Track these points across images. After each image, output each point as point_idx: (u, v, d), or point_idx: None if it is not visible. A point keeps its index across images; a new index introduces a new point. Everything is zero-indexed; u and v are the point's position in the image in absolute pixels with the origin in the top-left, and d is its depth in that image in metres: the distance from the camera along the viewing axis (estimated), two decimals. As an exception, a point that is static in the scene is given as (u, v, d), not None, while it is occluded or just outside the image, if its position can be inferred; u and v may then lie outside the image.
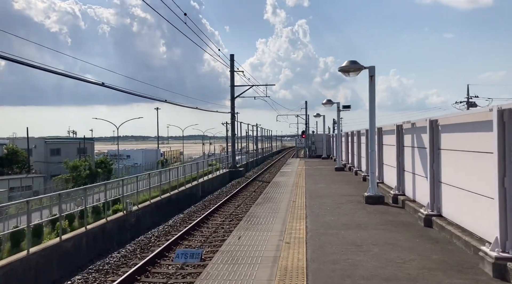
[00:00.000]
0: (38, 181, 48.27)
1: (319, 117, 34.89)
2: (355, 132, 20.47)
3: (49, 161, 60.54)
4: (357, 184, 15.84)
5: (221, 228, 14.52)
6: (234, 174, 33.94)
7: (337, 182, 16.60)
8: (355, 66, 10.91)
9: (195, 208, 19.41)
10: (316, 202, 11.33)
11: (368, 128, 16.00)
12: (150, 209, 17.32)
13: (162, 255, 11.48)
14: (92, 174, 54.69)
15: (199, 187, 24.83)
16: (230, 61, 35.28)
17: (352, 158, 22.20)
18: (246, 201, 20.03)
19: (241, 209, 18.13)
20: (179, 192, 21.22)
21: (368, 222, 8.49)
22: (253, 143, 56.74)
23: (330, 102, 21.81)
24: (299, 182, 16.92)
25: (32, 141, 61.43)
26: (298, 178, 18.45)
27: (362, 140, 18.72)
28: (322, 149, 36.79)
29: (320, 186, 15.28)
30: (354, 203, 11.13)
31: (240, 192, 23.63)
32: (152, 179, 23.58)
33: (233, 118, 35.30)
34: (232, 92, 35.35)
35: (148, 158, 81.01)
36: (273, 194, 13.38)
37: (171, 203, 19.67)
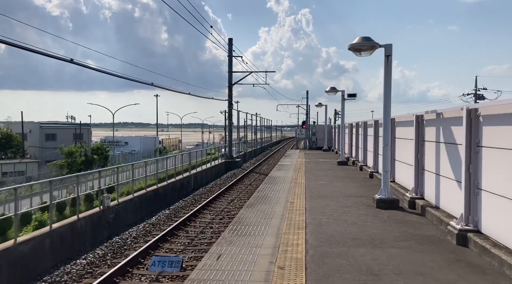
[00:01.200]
0: (32, 167, 46.89)
1: (320, 107, 33.06)
2: (361, 124, 18.68)
3: (44, 146, 58.94)
4: (364, 181, 14.11)
5: (209, 228, 12.85)
6: (230, 165, 32.24)
7: (341, 178, 14.86)
8: (369, 44, 9.09)
9: (183, 202, 17.71)
10: (317, 204, 9.60)
11: (380, 119, 14.31)
12: (133, 203, 15.61)
13: (137, 261, 9.80)
14: (88, 161, 53.20)
15: (191, 179, 23.12)
16: (228, 45, 33.34)
17: (356, 151, 20.44)
18: (240, 196, 18.34)
19: (234, 204, 16.46)
20: (168, 184, 19.50)
21: (384, 236, 6.77)
22: (251, 133, 54.96)
23: (334, 90, 19.98)
24: (298, 177, 15.19)
25: (27, 126, 59.78)
26: (297, 173, 16.72)
27: (369, 132, 16.94)
28: (323, 140, 35.01)
29: (322, 183, 13.55)
30: (363, 206, 9.41)
31: (234, 186, 21.93)
32: (137, 170, 21.95)
33: (230, 106, 33.46)
34: (230, 78, 33.46)
35: (146, 145, 79.45)
36: (268, 192, 11.65)
37: (158, 197, 17.96)
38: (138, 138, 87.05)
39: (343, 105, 20.24)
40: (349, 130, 22.89)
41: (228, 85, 33.53)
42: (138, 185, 20.73)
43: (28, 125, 60.76)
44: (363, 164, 17.54)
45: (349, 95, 19.90)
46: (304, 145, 41.20)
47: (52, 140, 60.22)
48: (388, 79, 9.33)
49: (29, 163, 47.73)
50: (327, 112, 34.20)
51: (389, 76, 9.33)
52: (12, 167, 45.21)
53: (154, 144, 79.74)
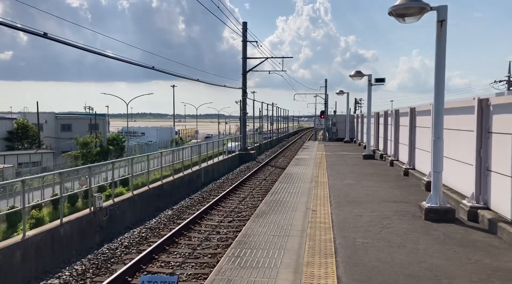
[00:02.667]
0: (47, 157, 46.14)
1: (342, 94, 30.64)
2: (391, 112, 16.40)
3: (60, 137, 58.31)
4: (398, 180, 11.92)
5: (215, 233, 10.96)
6: (244, 157, 30.30)
7: (370, 176, 12.69)
8: (418, 5, 6.88)
9: (190, 201, 15.84)
10: (347, 214, 7.53)
11: (418, 106, 12.05)
12: (132, 202, 13.80)
13: (123, 280, 7.97)
14: (103, 151, 52.25)
15: (201, 173, 21.26)
16: (242, 29, 31.16)
17: (385, 144, 18.16)
18: (252, 194, 16.35)
19: (246, 203, 14.51)
20: (174, 180, 17.67)
21: (451, 270, 4.68)
22: (267, 123, 52.89)
23: (359, 74, 17.69)
24: (319, 174, 13.09)
25: (43, 116, 59.13)
26: (317, 169, 14.62)
27: (402, 122, 14.68)
28: (344, 131, 32.67)
29: (349, 182, 11.43)
30: (407, 217, 7.29)
31: (246, 182, 19.98)
32: (143, 164, 20.20)
33: (244, 95, 31.39)
34: (244, 65, 31.34)
35: (162, 135, 78.54)
36: (283, 195, 9.62)
37: (162, 194, 16.14)
38: (155, 128, 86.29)
39: (369, 91, 17.94)
40: (375, 120, 20.58)
41: (242, 72, 31.43)
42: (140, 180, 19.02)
43: (44, 115, 60.15)
44: (394, 158, 15.30)
45: (377, 80, 17.59)
46: (323, 136, 38.93)
47: (67, 131, 59.58)
48: (442, 52, 7.11)
49: (44, 154, 47.06)
50: (348, 101, 31.82)
51: (442, 49, 7.11)
52: (27, 157, 44.58)
53: (171, 134, 78.70)
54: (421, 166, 11.72)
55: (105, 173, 27.89)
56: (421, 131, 11.71)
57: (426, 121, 10.92)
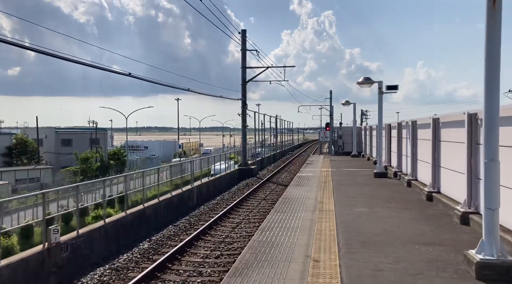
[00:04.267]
0: (46, 173, 44.47)
1: (348, 105, 28.57)
2: (406, 124, 14.25)
3: (60, 152, 56.73)
4: (421, 206, 9.70)
5: (196, 274, 8.80)
6: (244, 173, 28.16)
7: (386, 201, 10.48)
8: None
9: (174, 228, 13.67)
10: (362, 268, 5.36)
11: (442, 116, 9.84)
12: (104, 232, 11.68)
13: None
14: (104, 166, 50.43)
15: (194, 193, 19.12)
16: (241, 37, 29.31)
17: (399, 159, 15.95)
18: (249, 217, 14.13)
19: (239, 231, 12.31)
20: (160, 202, 15.55)
21: None
22: (270, 135, 50.84)
23: (369, 81, 15.61)
24: (324, 198, 10.91)
25: (42, 131, 57.69)
26: (322, 191, 12.43)
27: (420, 135, 12.52)
28: (351, 144, 30.45)
29: (360, 210, 9.24)
30: (449, 273, 5.09)
31: (243, 202, 17.83)
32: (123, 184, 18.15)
33: (244, 107, 29.37)
34: (243, 74, 29.40)
35: (166, 149, 76.94)
36: (277, 232, 7.44)
37: (144, 220, 14.01)
38: (158, 142, 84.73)
39: (380, 100, 15.83)
40: (387, 133, 18.40)
41: (242, 83, 29.49)
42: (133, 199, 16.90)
43: (44, 130, 58.74)
44: (412, 177, 13.08)
45: (389, 87, 15.48)
46: (329, 150, 36.73)
47: (68, 146, 58.05)
48: (496, 39, 5.00)
49: (43, 169, 45.38)
50: (355, 112, 29.69)
51: (497, 33, 5.00)
52: (25, 173, 42.86)
53: (174, 148, 76.98)
54: (449, 189, 9.52)
55: (102, 190, 25.91)
56: (449, 147, 9.55)
57: (456, 135, 8.78)
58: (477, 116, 7.41)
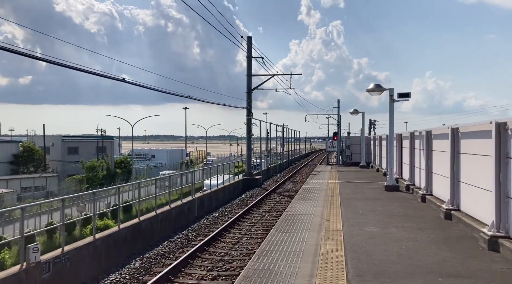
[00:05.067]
0: (52, 181, 44.09)
1: (356, 114, 27.63)
2: (420, 134, 13.29)
3: (66, 160, 56.33)
4: (439, 227, 8.71)
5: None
6: (248, 183, 27.25)
7: (399, 218, 9.51)
8: None
9: (170, 244, 12.77)
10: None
11: (463, 126, 8.80)
12: (93, 249, 10.83)
13: None
14: (110, 175, 49.88)
15: (194, 205, 18.25)
16: (247, 44, 28.62)
17: (411, 172, 14.94)
18: (251, 231, 13.18)
19: (240, 248, 11.37)
20: (158, 215, 14.69)
21: None
22: (276, 145, 49.89)
23: (379, 88, 14.71)
24: (331, 215, 9.96)
25: (49, 139, 57.46)
26: (329, 206, 11.48)
27: (435, 146, 11.55)
28: (359, 154, 29.43)
29: (371, 230, 8.28)
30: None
31: (246, 215, 16.94)
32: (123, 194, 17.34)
33: (249, 115, 28.54)
34: (248, 82, 28.64)
35: (173, 158, 76.37)
36: (277, 257, 6.52)
37: (139, 235, 13.14)
38: (165, 151, 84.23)
39: (391, 109, 14.89)
40: (398, 143, 17.42)
41: (247, 91, 28.72)
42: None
43: (51, 138, 58.51)
44: (427, 192, 12.08)
45: (401, 95, 14.54)
46: (337, 159, 35.70)
47: (74, 154, 57.67)
48: None
49: (49, 177, 44.93)
50: (364, 121, 28.69)
51: None
52: (31, 181, 42.43)
53: (181, 156, 76.38)
54: (472, 208, 8.54)
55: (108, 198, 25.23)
56: (471, 160, 8.58)
57: (480, 147, 7.83)
58: (507, 126, 6.48)
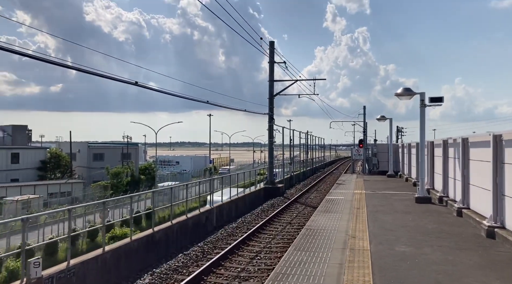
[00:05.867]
0: (78, 187, 44.68)
1: (383, 120, 26.43)
2: (454, 141, 12.17)
3: (92, 166, 57.05)
4: (482, 247, 7.65)
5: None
6: (270, 191, 26.42)
7: (435, 236, 8.48)
8: None
9: (184, 258, 12.06)
10: None
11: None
12: (102, 262, 10.25)
13: None
14: (134, 181, 50.15)
15: (213, 214, 17.59)
16: (269, 49, 27.95)
17: (444, 182, 13.78)
18: (271, 244, 12.35)
19: (258, 263, 10.55)
20: (173, 226, 14.07)
21: None
22: (299, 152, 48.86)
23: (409, 92, 13.69)
24: (357, 231, 9.04)
25: (76, 146, 58.43)
26: (354, 220, 10.53)
27: (473, 155, 10.44)
28: (387, 162, 28.14)
29: (403, 250, 7.33)
30: None
31: (267, 226, 16.11)
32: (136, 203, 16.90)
33: (271, 122, 27.77)
34: (271, 88, 27.90)
35: (197, 164, 76.54)
36: (295, 282, 5.70)
37: (153, 247, 12.52)
38: (189, 157, 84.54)
39: (422, 114, 13.82)
40: (429, 151, 16.25)
41: (269, 96, 27.96)
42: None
43: (77, 145, 59.48)
44: (463, 205, 10.96)
45: (433, 99, 13.45)
46: (363, 168, 34.42)
47: (99, 160, 58.35)
48: None
49: (74, 183, 45.52)
50: (392, 127, 27.42)
51: None
52: (58, 187, 43.10)
53: (205, 163, 76.39)
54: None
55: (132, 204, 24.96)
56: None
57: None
58: None
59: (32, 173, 48.65)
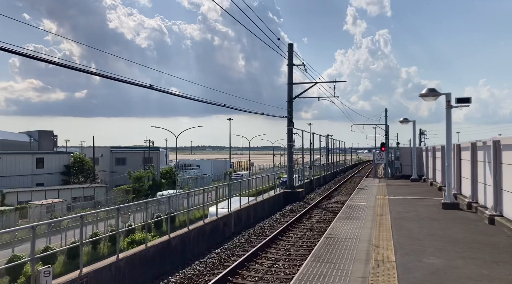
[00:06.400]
0: (100, 191, 45.32)
1: (406, 123, 25.60)
2: (484, 144, 11.47)
3: (114, 171, 57.75)
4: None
5: None
6: (290, 196, 25.90)
7: (466, 247, 7.87)
8: None
9: (200, 265, 11.70)
10: None
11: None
12: (116, 270, 9.98)
13: None
14: (156, 185, 50.48)
15: (231, 220, 17.24)
16: (288, 52, 27.53)
17: (473, 187, 13.02)
18: (290, 252, 11.89)
19: (276, 272, 10.11)
20: (190, 232, 13.76)
21: None
22: (320, 155, 48.17)
23: (433, 93, 13.04)
24: (380, 240, 8.50)
25: (98, 150, 59.29)
26: (377, 227, 9.98)
27: (504, 159, 9.76)
28: (410, 166, 27.25)
29: (433, 262, 6.77)
30: None
31: (286, 232, 15.67)
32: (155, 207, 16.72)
33: (289, 125, 27.28)
34: (289, 91, 27.45)
35: (217, 168, 76.71)
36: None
37: (169, 254, 12.23)
38: (210, 161, 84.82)
39: (448, 116, 13.14)
40: (455, 155, 15.49)
41: (288, 99, 27.51)
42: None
43: (100, 150, 60.31)
44: (495, 212, 10.26)
45: (460, 100, 12.77)
46: (385, 172, 33.52)
47: (122, 165, 59.01)
48: None
49: (97, 188, 46.14)
50: (415, 130, 26.54)
51: None
52: (81, 191, 43.80)
53: (225, 167, 76.47)
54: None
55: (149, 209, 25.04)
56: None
57: None
58: None
59: (56, 177, 49.50)
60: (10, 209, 31.71)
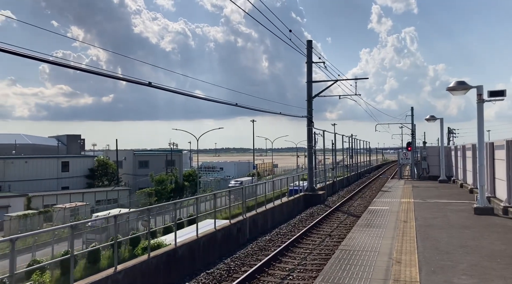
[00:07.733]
0: (124, 194, 45.49)
1: (433, 121, 24.07)
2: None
3: (137, 174, 58.01)
4: None
5: None
6: (310, 199, 24.80)
7: (505, 260, 6.72)
8: None
9: (207, 277, 10.85)
10: None
11: None
12: None
13: None
14: (178, 188, 50.30)
15: (246, 226, 16.34)
16: (306, 49, 26.46)
17: (509, 190, 11.67)
18: (306, 260, 10.89)
19: None
20: (199, 239, 12.94)
21: None
22: (342, 156, 46.73)
23: (463, 86, 11.78)
24: (403, 254, 7.41)
25: (122, 154, 59.65)
26: (400, 237, 8.86)
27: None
28: (437, 167, 25.65)
29: None
30: None
31: (303, 238, 14.69)
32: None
33: (309, 125, 26.18)
34: (309, 89, 26.35)
35: (240, 170, 76.27)
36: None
37: (175, 263, 11.44)
38: (233, 163, 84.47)
39: (480, 111, 11.84)
40: (488, 154, 14.10)
41: (307, 98, 26.42)
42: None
43: (123, 153, 60.68)
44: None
45: (493, 93, 11.47)
46: (411, 172, 31.93)
47: (144, 168, 59.20)
48: None
49: (120, 191, 46.33)
50: (443, 128, 24.95)
51: None
52: (105, 194, 44.06)
53: (248, 169, 75.94)
54: None
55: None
56: None
57: None
58: None
59: (81, 180, 50.00)
60: (34, 212, 31.90)
